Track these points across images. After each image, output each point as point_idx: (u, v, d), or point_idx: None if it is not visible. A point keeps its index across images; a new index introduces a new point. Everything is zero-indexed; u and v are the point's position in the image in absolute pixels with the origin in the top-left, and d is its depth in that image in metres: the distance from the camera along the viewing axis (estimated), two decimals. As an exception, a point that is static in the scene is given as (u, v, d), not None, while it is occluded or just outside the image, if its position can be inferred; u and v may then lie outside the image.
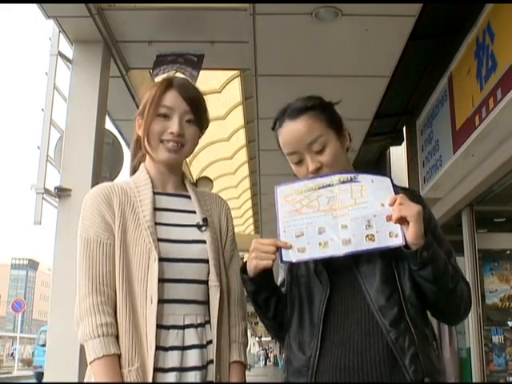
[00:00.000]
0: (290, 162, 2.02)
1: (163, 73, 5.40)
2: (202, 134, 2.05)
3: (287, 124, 1.99)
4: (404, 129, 8.45)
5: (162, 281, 1.77)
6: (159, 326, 1.74)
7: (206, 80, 5.46)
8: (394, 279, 1.77)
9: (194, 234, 1.91)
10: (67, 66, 5.01)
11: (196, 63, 5.21)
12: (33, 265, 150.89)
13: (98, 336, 1.71)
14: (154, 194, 1.90)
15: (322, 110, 2.00)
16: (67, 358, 4.20)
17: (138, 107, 6.26)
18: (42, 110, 4.64)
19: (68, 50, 5.03)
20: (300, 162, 1.95)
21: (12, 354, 51.87)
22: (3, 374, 34.40)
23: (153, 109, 1.91)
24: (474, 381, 6.81)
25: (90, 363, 1.70)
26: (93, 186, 4.53)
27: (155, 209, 1.87)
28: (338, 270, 1.84)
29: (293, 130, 1.96)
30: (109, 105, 5.25)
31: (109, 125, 6.40)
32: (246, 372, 2.00)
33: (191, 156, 8.51)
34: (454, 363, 7.93)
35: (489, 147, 5.11)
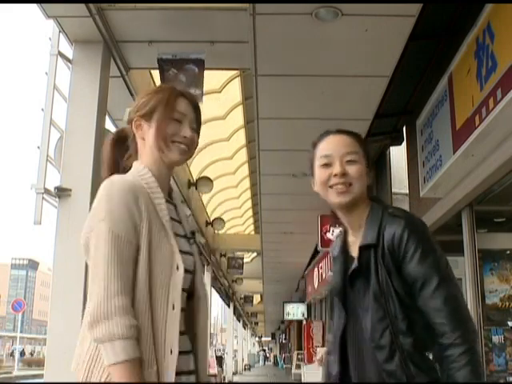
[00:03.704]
0: (316, 166, 2.12)
1: None
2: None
3: (334, 135, 2.13)
4: (404, 129, 8.45)
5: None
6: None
7: (206, 80, 5.45)
8: (386, 316, 1.90)
9: (186, 245, 1.94)
10: (67, 66, 5.01)
11: (198, 76, 5.21)
12: (33, 265, 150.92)
13: (131, 337, 1.65)
14: None
15: (363, 142, 2.14)
16: (67, 358, 4.20)
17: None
18: (42, 109, 4.64)
19: (68, 49, 5.04)
20: (327, 165, 2.06)
21: (12, 353, 51.87)
22: (3, 373, 34.38)
23: (168, 112, 1.93)
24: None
25: (117, 363, 1.63)
26: (93, 186, 4.55)
27: None
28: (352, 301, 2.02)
29: (337, 139, 2.11)
30: (109, 105, 5.25)
31: (109, 125, 6.41)
32: (247, 372, 2.05)
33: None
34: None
35: (489, 147, 5.11)
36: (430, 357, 1.93)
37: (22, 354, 54.91)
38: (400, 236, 1.91)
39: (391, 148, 9.36)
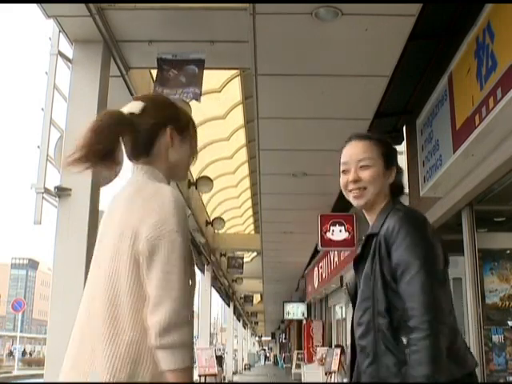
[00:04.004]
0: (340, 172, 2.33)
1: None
2: None
3: (352, 141, 2.32)
4: (404, 128, 8.45)
5: None
6: None
7: (206, 79, 5.45)
8: (371, 297, 2.06)
9: None
10: (67, 66, 5.01)
11: (197, 76, 5.21)
12: (33, 264, 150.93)
13: (192, 346, 1.70)
14: None
15: (381, 144, 2.29)
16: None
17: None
18: (42, 109, 4.64)
19: (68, 49, 5.04)
20: (345, 172, 2.28)
21: (11, 352, 51.88)
22: (3, 373, 34.38)
23: (196, 137, 2.02)
24: (473, 380, 6.80)
25: (181, 369, 1.64)
26: (93, 185, 4.55)
27: None
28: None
29: (353, 146, 2.30)
30: (109, 104, 5.25)
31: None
32: (247, 371, 2.08)
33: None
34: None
35: (489, 147, 5.11)
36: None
37: (24, 353, 54.99)
38: (393, 226, 2.05)
39: (391, 148, 9.35)
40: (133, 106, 1.86)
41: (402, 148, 8.82)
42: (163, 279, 1.64)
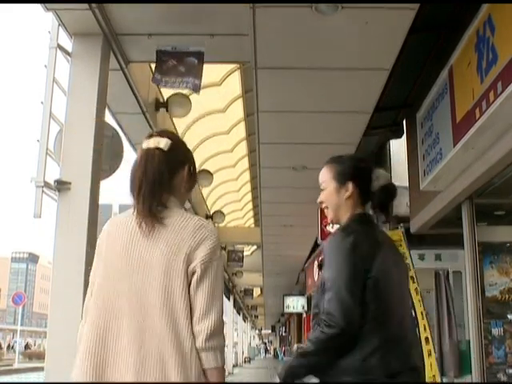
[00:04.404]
0: None
1: (165, 86, 5.39)
2: None
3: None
4: (404, 122, 8.44)
5: None
6: None
7: (206, 73, 5.44)
8: (316, 305, 2.42)
9: None
10: (66, 59, 5.00)
11: (197, 67, 5.20)
12: (33, 258, 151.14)
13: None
14: None
15: (333, 166, 2.68)
16: (67, 351, 4.21)
17: (137, 100, 6.27)
18: (42, 103, 4.63)
19: (67, 42, 5.02)
20: None
21: (12, 346, 52.00)
22: (4, 366, 34.48)
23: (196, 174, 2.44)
24: (473, 373, 6.83)
25: (220, 367, 2.03)
26: (92, 179, 4.55)
27: None
28: None
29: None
30: (108, 98, 5.24)
31: (109, 118, 6.40)
32: (247, 364, 2.19)
33: (191, 149, 8.49)
34: (454, 355, 7.95)
35: (489, 140, 5.10)
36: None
37: (27, 347, 55.17)
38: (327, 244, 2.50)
39: (391, 141, 9.35)
40: (161, 142, 2.17)
41: (402, 141, 8.83)
42: (211, 293, 2.02)
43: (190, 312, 2.00)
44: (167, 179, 2.15)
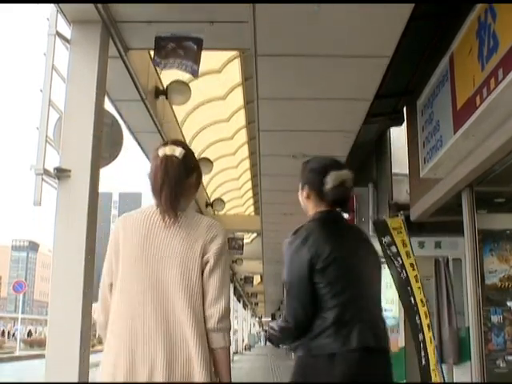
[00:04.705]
0: None
1: (164, 67, 5.36)
2: None
3: None
4: (404, 109, 8.42)
5: None
6: None
7: (206, 60, 5.42)
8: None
9: None
10: (65, 47, 4.97)
11: (196, 52, 5.17)
12: (33, 246, 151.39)
13: None
14: None
15: (301, 171, 3.21)
16: (68, 338, 4.23)
17: (137, 88, 6.23)
18: (41, 90, 4.61)
19: (66, 30, 4.99)
20: None
21: (14, 334, 52.19)
22: (5, 354, 34.62)
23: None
24: (472, 360, 6.86)
25: (227, 347, 2.38)
26: (92, 166, 4.54)
27: None
28: None
29: None
30: (108, 85, 5.22)
31: (108, 105, 6.38)
32: (247, 351, 2.22)
33: (191, 136, 8.48)
34: (453, 343, 7.98)
35: (489, 127, 5.09)
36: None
37: (30, 334, 55.46)
38: None
39: (391, 129, 9.34)
40: (176, 150, 2.50)
41: (402, 129, 8.81)
42: (221, 282, 2.36)
43: (202, 296, 2.33)
44: (183, 183, 2.48)
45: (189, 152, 2.56)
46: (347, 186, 2.96)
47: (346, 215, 2.99)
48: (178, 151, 2.49)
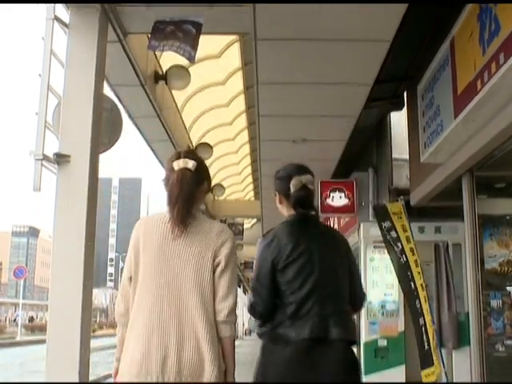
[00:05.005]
0: None
1: (162, 50, 5.33)
2: None
3: None
4: (405, 94, 8.39)
5: None
6: None
7: (205, 45, 5.39)
8: None
9: None
10: (64, 31, 4.93)
11: (194, 37, 5.14)
12: (33, 232, 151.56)
13: None
14: None
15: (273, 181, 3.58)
16: (68, 323, 4.24)
17: (136, 73, 6.19)
18: (40, 75, 4.58)
19: (65, 14, 4.95)
20: None
21: (15, 319, 52.41)
22: (7, 339, 34.81)
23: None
24: (471, 344, 6.89)
25: (233, 336, 2.75)
26: (92, 152, 4.53)
27: None
28: None
29: None
30: (107, 70, 5.19)
31: (107, 90, 6.35)
32: (247, 336, 2.26)
33: (191, 122, 8.44)
34: (453, 327, 8.01)
35: (490, 112, 5.07)
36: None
37: (32, 319, 55.71)
38: None
39: (392, 113, 9.31)
40: (188, 163, 2.80)
41: (402, 114, 8.79)
42: (230, 281, 2.72)
43: (212, 293, 2.67)
44: (195, 193, 2.81)
45: (200, 163, 2.88)
46: (309, 188, 3.31)
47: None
48: (191, 164, 2.80)
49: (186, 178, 2.76)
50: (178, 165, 2.79)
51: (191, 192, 2.77)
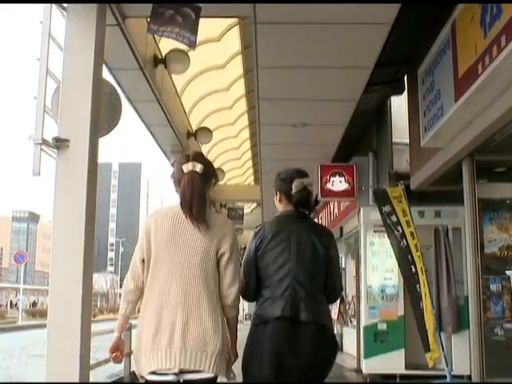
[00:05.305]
0: None
1: (161, 35, 5.28)
2: None
3: None
4: (405, 78, 8.36)
5: None
6: None
7: (205, 28, 5.35)
8: None
9: None
10: (62, 15, 4.89)
11: (193, 21, 5.09)
12: (34, 217, 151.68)
13: None
14: None
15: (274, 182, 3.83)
16: (69, 307, 4.25)
17: (135, 56, 6.14)
18: (38, 59, 4.55)
19: (63, -3, 4.90)
20: None
21: (16, 304, 52.62)
22: (7, 324, 34.98)
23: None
24: (471, 328, 6.92)
25: (237, 317, 3.25)
26: (91, 136, 4.51)
27: None
28: None
29: None
30: (106, 54, 5.16)
31: (106, 74, 6.32)
32: (247, 321, 2.30)
33: (190, 106, 8.39)
34: (452, 311, 8.04)
35: (491, 96, 5.06)
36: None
37: (35, 304, 55.98)
38: None
39: (392, 98, 9.29)
40: (196, 167, 3.12)
41: (403, 98, 8.76)
42: (235, 269, 3.14)
43: (216, 277, 3.06)
44: (204, 192, 3.14)
45: (207, 165, 3.21)
46: (309, 189, 3.60)
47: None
48: (199, 167, 3.12)
49: (196, 180, 3.10)
50: (187, 168, 3.12)
51: (202, 193, 3.12)
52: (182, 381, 2.88)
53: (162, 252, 3.05)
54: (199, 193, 3.10)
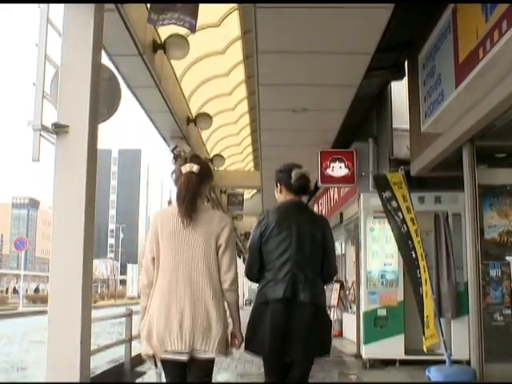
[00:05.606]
0: None
1: (162, 24, 5.26)
2: None
3: None
4: (406, 63, 8.32)
5: None
6: None
7: (204, 14, 5.30)
8: None
9: None
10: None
11: (194, 7, 5.06)
12: (34, 204, 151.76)
13: None
14: None
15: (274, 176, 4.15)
16: (69, 293, 4.26)
17: (134, 42, 6.12)
18: (36, 45, 4.52)
19: (61, -18, 4.86)
20: None
21: (16, 290, 52.79)
22: (9, 310, 35.10)
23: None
24: (470, 313, 6.95)
25: (237, 301, 3.57)
26: (90, 122, 4.50)
27: None
28: None
29: None
30: (105, 40, 5.13)
31: (105, 59, 6.29)
32: (247, 306, 2.32)
33: (190, 92, 8.37)
34: (452, 297, 8.06)
35: (492, 81, 5.04)
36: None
37: (37, 290, 56.18)
38: None
39: (392, 83, 9.25)
40: (193, 167, 3.47)
41: (403, 83, 8.72)
42: (231, 257, 3.46)
43: (217, 268, 3.40)
44: (199, 191, 3.48)
45: (204, 166, 3.57)
46: (307, 177, 3.97)
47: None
48: (195, 168, 3.47)
49: (191, 180, 3.44)
50: (185, 169, 3.48)
51: (196, 191, 3.44)
52: (189, 359, 3.29)
53: (168, 247, 3.41)
54: (193, 191, 3.44)
